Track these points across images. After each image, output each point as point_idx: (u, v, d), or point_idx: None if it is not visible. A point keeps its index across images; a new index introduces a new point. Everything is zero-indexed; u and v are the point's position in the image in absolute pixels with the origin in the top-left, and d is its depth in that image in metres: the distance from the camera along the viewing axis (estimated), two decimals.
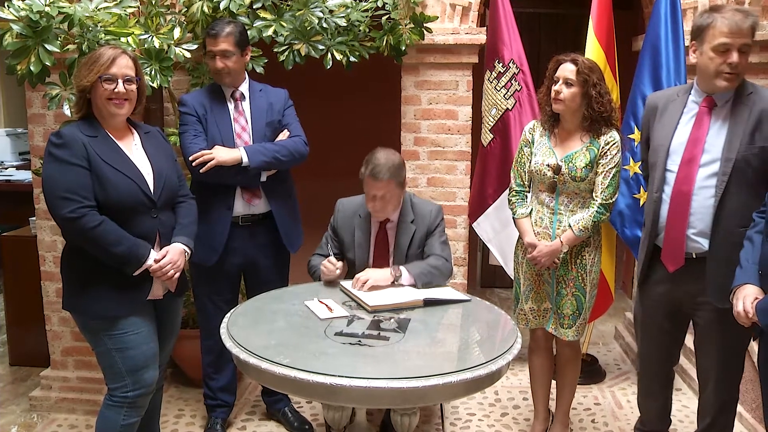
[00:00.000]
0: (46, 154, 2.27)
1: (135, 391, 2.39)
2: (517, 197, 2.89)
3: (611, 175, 2.69)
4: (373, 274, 2.69)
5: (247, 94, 2.98)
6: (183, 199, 2.56)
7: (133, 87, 2.34)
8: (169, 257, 2.38)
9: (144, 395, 2.42)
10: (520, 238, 2.91)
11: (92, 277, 2.33)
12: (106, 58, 2.29)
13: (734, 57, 2.28)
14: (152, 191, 2.37)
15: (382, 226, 2.91)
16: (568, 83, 2.66)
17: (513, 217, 2.92)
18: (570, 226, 2.72)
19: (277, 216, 3.00)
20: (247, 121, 2.95)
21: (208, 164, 2.76)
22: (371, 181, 2.76)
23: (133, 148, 2.41)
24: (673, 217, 2.43)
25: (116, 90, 2.29)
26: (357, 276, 2.70)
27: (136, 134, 2.45)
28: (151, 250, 2.36)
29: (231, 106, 2.96)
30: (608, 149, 2.69)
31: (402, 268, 2.73)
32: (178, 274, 2.44)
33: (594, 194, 2.73)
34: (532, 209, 2.85)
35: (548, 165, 2.74)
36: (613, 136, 2.70)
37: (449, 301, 2.60)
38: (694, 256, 2.42)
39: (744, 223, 2.30)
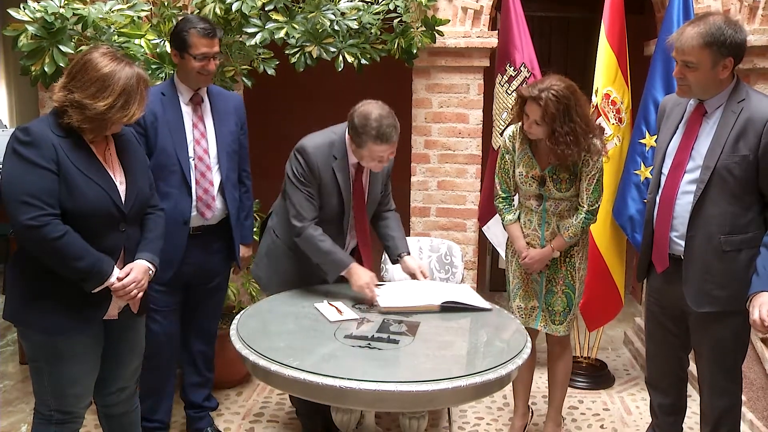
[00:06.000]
0: (10, 151, 2.04)
1: (60, 414, 2.22)
2: (504, 203, 2.90)
3: (595, 181, 2.72)
4: (420, 263, 2.85)
5: (205, 98, 2.78)
6: (152, 210, 2.34)
7: None
8: (132, 276, 2.17)
9: (68, 423, 2.25)
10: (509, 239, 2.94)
11: (45, 289, 2.11)
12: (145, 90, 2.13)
13: (675, 69, 2.34)
14: (123, 203, 2.16)
15: (358, 167, 2.71)
16: (536, 122, 2.64)
17: (502, 224, 2.94)
18: (559, 232, 2.75)
19: (233, 223, 2.85)
20: (206, 127, 2.76)
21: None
22: (380, 145, 2.51)
23: (106, 153, 2.19)
24: (659, 220, 2.47)
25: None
26: (415, 270, 2.76)
27: (111, 138, 2.22)
28: (114, 267, 2.15)
29: (188, 109, 2.73)
30: (589, 156, 2.69)
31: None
32: (141, 294, 2.22)
33: (580, 200, 2.75)
34: (519, 213, 2.87)
35: (533, 177, 2.76)
36: (593, 142, 2.69)
37: (468, 308, 2.53)
38: (681, 258, 2.43)
39: (726, 230, 2.31)
